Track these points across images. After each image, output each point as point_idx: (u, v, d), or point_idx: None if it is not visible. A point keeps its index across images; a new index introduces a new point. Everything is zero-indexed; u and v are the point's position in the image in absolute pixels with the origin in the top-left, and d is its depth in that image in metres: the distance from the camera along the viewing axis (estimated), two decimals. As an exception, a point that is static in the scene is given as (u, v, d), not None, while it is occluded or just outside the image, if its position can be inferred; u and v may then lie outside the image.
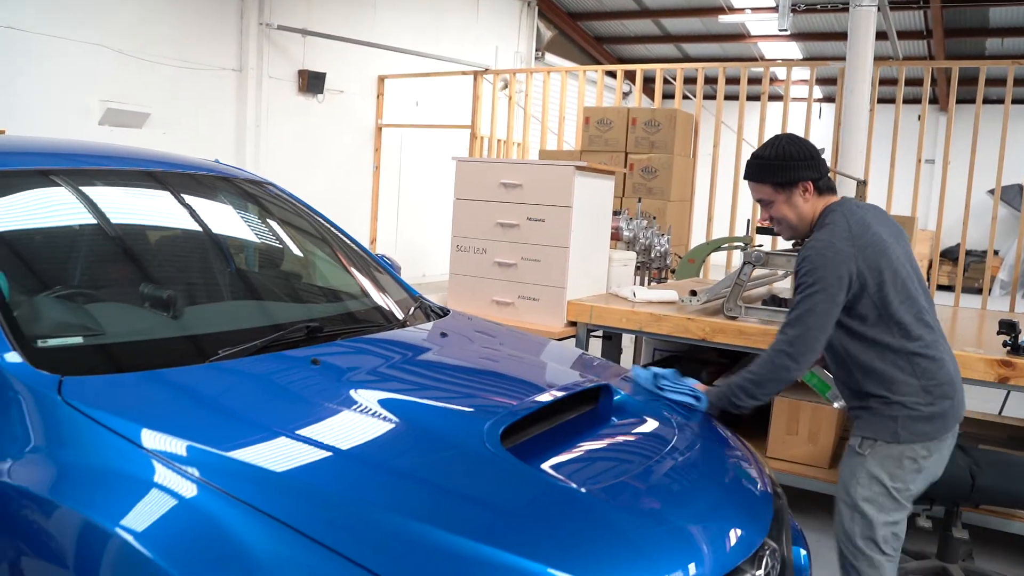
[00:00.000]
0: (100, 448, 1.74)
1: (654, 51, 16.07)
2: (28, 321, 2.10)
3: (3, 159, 2.60)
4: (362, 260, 3.19)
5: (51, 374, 1.90)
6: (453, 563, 1.52)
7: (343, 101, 10.32)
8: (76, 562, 1.62)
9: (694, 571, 1.69)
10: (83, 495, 1.66)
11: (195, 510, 1.59)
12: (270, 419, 1.89)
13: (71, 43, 7.50)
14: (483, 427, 1.92)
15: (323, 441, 1.81)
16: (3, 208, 2.44)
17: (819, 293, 2.47)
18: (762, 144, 2.70)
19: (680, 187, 8.46)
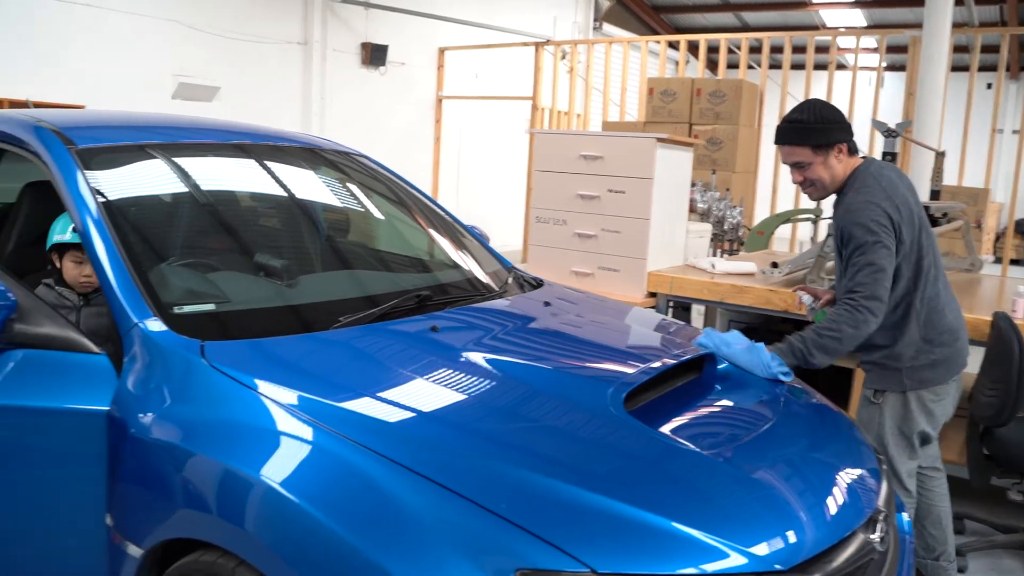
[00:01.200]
0: (243, 405, 1.84)
1: (712, 20, 15.87)
2: (163, 290, 2.20)
3: (113, 134, 2.72)
4: (455, 230, 3.26)
5: (192, 339, 2.01)
6: (586, 515, 1.60)
7: (404, 73, 10.39)
8: (220, 507, 1.73)
9: (811, 534, 1.74)
10: (228, 447, 1.77)
11: (338, 462, 1.68)
12: (401, 381, 1.98)
13: (146, 19, 7.66)
14: (607, 392, 1.99)
15: (457, 403, 1.90)
16: (121, 181, 2.55)
17: (879, 247, 2.62)
18: (794, 108, 2.80)
19: (745, 158, 8.39)
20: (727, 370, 2.44)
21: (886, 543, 1.95)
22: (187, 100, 8.01)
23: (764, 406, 2.30)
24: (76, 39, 7.18)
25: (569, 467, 1.73)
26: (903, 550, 2.21)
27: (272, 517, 1.66)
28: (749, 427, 2.15)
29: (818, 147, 2.72)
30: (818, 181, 2.79)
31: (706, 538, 1.61)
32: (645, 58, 9.61)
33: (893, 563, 2.05)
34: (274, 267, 2.59)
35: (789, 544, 1.68)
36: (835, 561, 1.75)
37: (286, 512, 1.63)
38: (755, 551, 1.62)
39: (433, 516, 1.57)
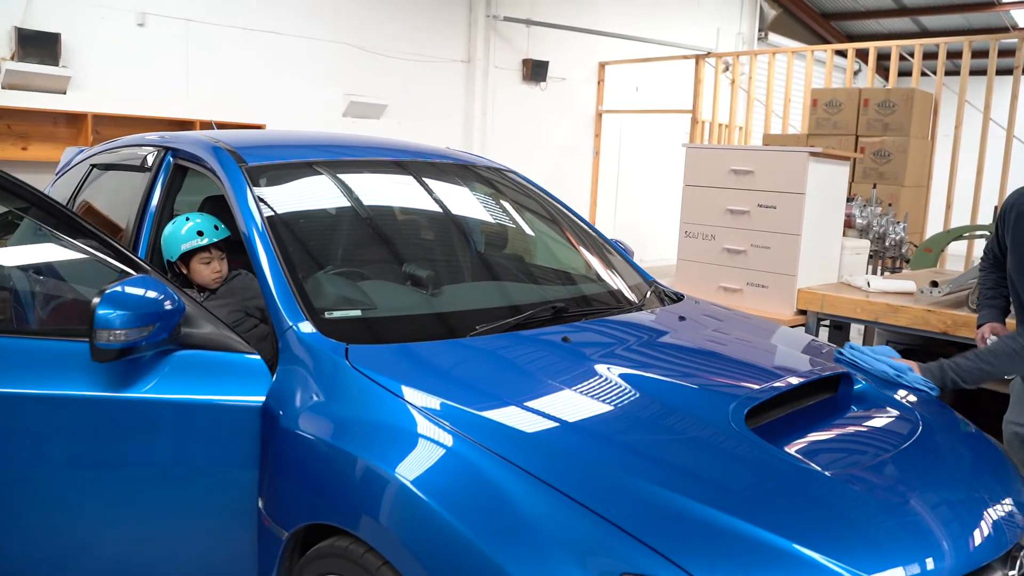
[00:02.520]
0: (380, 405, 1.99)
1: (887, 26, 15.16)
2: (316, 296, 2.40)
3: (280, 152, 2.97)
4: (598, 244, 3.33)
5: (339, 342, 2.18)
6: (694, 527, 1.64)
7: (565, 88, 10.54)
8: (354, 498, 1.87)
9: (933, 564, 1.69)
10: (366, 444, 1.91)
11: (464, 463, 1.79)
12: (529, 389, 2.07)
13: (320, 43, 8.17)
14: (728, 407, 2.00)
15: (579, 411, 1.97)
16: (284, 195, 2.78)
17: None
18: None
19: (916, 172, 8.00)
20: (864, 390, 2.38)
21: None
22: (357, 118, 8.47)
23: (899, 427, 2.23)
24: (258, 64, 7.75)
25: (682, 479, 1.77)
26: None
27: (400, 511, 1.78)
28: (879, 449, 2.10)
29: None
30: None
31: (822, 560, 1.60)
32: (810, 68, 9.32)
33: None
34: (420, 277, 2.74)
35: (913, 573, 1.64)
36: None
37: (413, 506, 1.75)
38: (856, 571, 1.60)
39: (548, 518, 1.65)
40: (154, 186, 3.03)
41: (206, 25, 7.39)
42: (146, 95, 7.08)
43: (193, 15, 7.29)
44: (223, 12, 7.48)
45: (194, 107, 7.31)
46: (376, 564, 1.81)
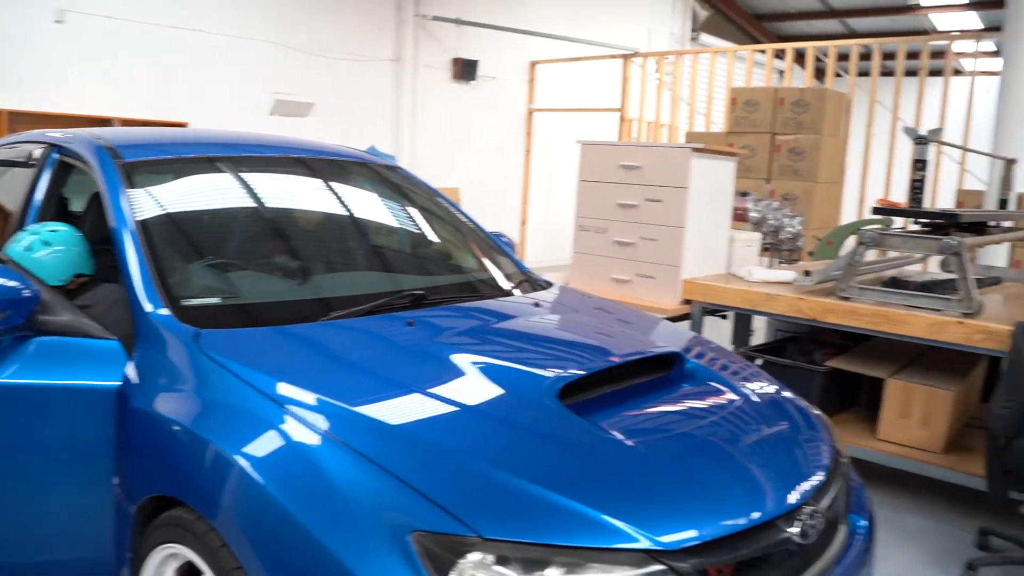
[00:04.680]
0: (222, 386, 2.11)
1: (817, 27, 15.55)
2: (179, 285, 2.51)
3: (160, 149, 3.07)
4: (474, 236, 3.48)
5: (190, 326, 2.30)
6: (488, 489, 1.79)
7: (495, 87, 10.69)
8: (194, 473, 2.00)
9: (719, 524, 1.86)
10: (205, 422, 2.04)
11: (289, 440, 1.91)
12: (361, 368, 2.22)
13: (247, 41, 8.21)
14: (545, 385, 2.15)
15: (407, 389, 2.11)
16: (157, 190, 2.88)
17: None
18: None
19: (829, 168, 8.27)
20: (695, 368, 2.55)
21: (808, 537, 2.03)
22: (284, 116, 8.53)
23: (719, 401, 2.40)
24: (182, 62, 7.78)
25: (485, 448, 1.91)
26: (851, 550, 2.27)
27: (223, 480, 1.90)
28: (690, 421, 2.26)
29: None
30: None
31: (598, 516, 1.76)
32: (731, 68, 9.57)
33: (830, 561, 2.14)
34: (290, 267, 2.86)
35: (684, 527, 1.81)
36: (736, 548, 1.86)
37: (236, 477, 1.88)
38: (645, 531, 1.76)
39: (356, 484, 1.79)
40: (37, 182, 3.11)
41: (129, 23, 7.39)
42: (66, 92, 7.08)
43: (115, 12, 7.30)
44: (147, 10, 7.49)
45: (116, 105, 7.32)
46: (204, 529, 1.94)
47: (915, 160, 3.93)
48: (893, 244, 3.97)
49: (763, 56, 10.00)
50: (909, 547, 3.76)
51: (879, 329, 3.90)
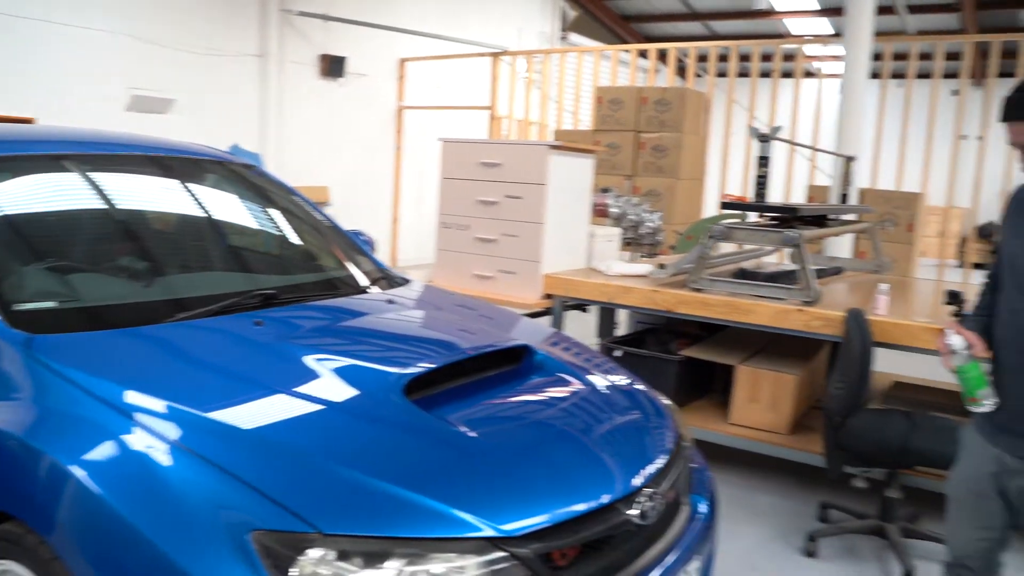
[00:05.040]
0: (57, 394, 2.03)
1: (681, 29, 16.08)
2: (12, 289, 2.39)
3: (6, 146, 2.92)
4: (333, 235, 3.45)
5: (23, 332, 2.20)
6: (329, 485, 1.80)
7: (365, 84, 10.59)
8: (37, 491, 1.90)
9: (558, 509, 1.92)
10: (37, 431, 1.95)
11: (128, 448, 1.86)
12: (204, 369, 2.18)
13: (100, 33, 7.86)
14: (391, 380, 2.17)
15: (251, 388, 2.08)
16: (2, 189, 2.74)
17: None
18: None
19: (691, 165, 8.57)
20: (543, 360, 2.62)
21: (648, 518, 2.11)
22: (142, 112, 8.21)
23: (564, 391, 2.47)
24: (30, 53, 7.39)
25: (328, 445, 1.91)
26: (693, 530, 2.37)
27: (59, 490, 1.84)
28: (534, 411, 2.33)
29: None
30: None
31: (439, 507, 1.79)
32: (597, 67, 9.79)
33: (672, 540, 2.23)
34: (135, 269, 2.77)
35: (525, 514, 1.86)
36: (577, 531, 1.93)
37: (73, 488, 1.81)
38: (487, 520, 1.80)
39: (194, 487, 1.76)
40: None
41: (-34, 12, 6.98)
42: None
43: (-50, 1, 6.88)
44: (-14, -1, 7.09)
45: (-48, 99, 6.90)
46: (34, 542, 1.87)
47: (759, 157, 4.13)
48: (739, 237, 4.17)
49: (628, 56, 10.27)
50: (758, 523, 3.95)
51: (729, 318, 4.08)
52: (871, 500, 3.91)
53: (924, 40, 8.65)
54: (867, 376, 3.50)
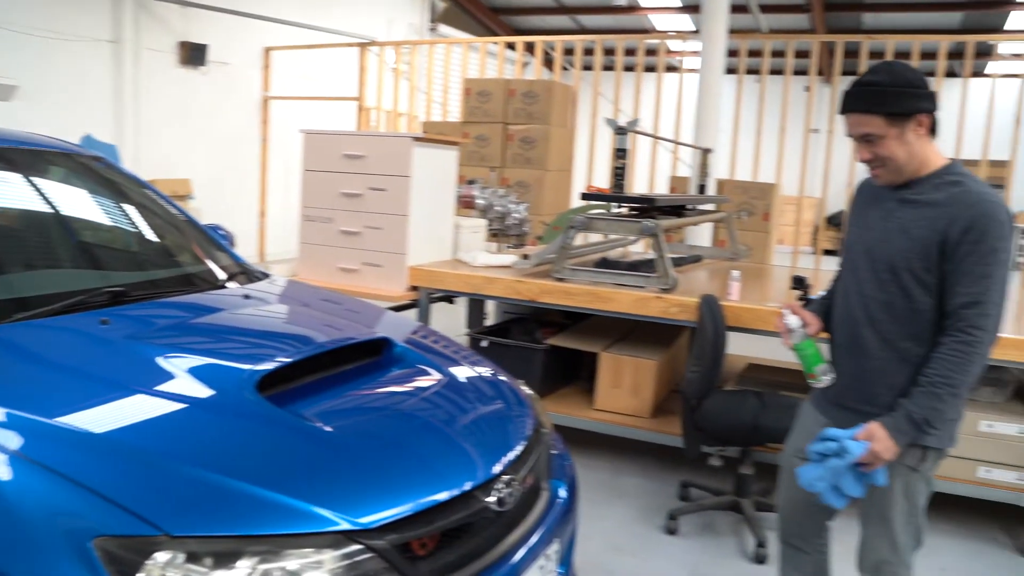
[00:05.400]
0: None
1: (549, 22, 16.28)
2: None
3: None
4: (187, 230, 3.34)
5: None
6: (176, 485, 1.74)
7: (228, 73, 10.27)
8: None
9: (416, 499, 1.92)
10: None
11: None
12: (43, 370, 2.08)
13: (-69, 14, 7.35)
14: (244, 377, 2.12)
15: (90, 389, 2.00)
16: None
17: (1008, 262, 2.18)
18: (870, 69, 2.26)
19: (558, 157, 8.71)
20: (403, 352, 2.62)
21: (506, 504, 2.15)
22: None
23: (425, 383, 2.48)
24: None
25: (178, 445, 1.86)
26: (552, 514, 2.43)
27: None
28: (395, 402, 2.33)
29: (894, 116, 2.20)
30: (890, 160, 2.24)
31: (293, 502, 1.77)
32: (466, 59, 9.82)
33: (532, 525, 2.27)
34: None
35: (381, 506, 1.86)
36: (434, 520, 1.94)
37: None
38: (342, 513, 1.79)
39: (30, 496, 1.68)
40: None
41: None
42: None
43: None
44: None
45: None
46: None
47: (616, 149, 4.24)
48: (600, 228, 4.28)
49: (497, 48, 10.33)
50: (622, 504, 4.08)
51: (591, 307, 4.18)
52: (727, 477, 4.10)
53: (776, 38, 9.05)
54: (720, 359, 3.66)
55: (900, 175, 2.28)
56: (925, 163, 2.26)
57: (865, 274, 2.35)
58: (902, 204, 2.29)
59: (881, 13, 13.74)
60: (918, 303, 2.25)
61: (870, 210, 2.40)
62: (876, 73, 2.22)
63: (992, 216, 2.15)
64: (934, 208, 2.21)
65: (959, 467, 3.84)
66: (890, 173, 2.28)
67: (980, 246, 2.14)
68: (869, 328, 2.33)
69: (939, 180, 2.25)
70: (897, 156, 2.23)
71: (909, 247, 2.24)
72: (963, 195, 2.19)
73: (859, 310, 2.36)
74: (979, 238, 2.14)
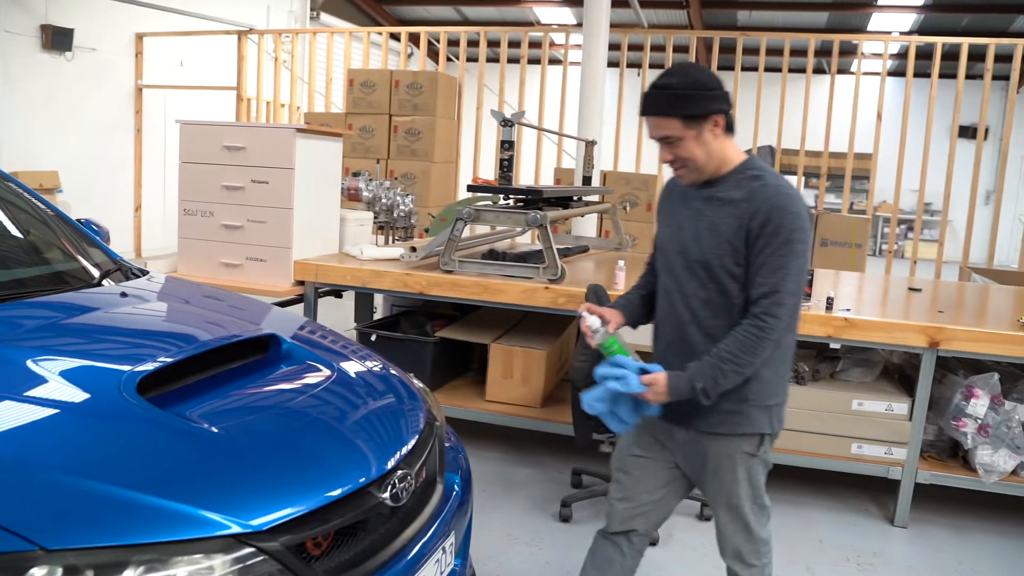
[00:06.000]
0: None
1: (434, 13, 16.19)
2: None
3: None
4: (56, 225, 3.17)
5: None
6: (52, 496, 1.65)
7: (97, 60, 9.80)
8: None
9: (310, 498, 1.88)
10: None
11: None
12: None
13: None
14: (123, 378, 2.03)
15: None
16: None
17: (806, 252, 2.26)
18: (663, 72, 2.32)
19: (444, 149, 8.69)
20: (291, 349, 2.56)
21: (401, 499, 2.13)
22: None
23: (313, 379, 2.43)
24: None
25: (53, 454, 1.76)
26: (447, 507, 2.42)
27: None
28: (284, 400, 2.28)
29: (689, 118, 2.25)
30: (691, 160, 2.30)
31: (180, 508, 1.71)
32: (349, 49, 9.65)
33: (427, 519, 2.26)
34: None
35: (272, 507, 1.81)
36: (328, 519, 1.90)
37: None
38: (231, 516, 1.73)
39: None
40: None
41: None
42: None
43: None
44: None
45: None
46: None
47: (502, 141, 4.25)
48: (488, 219, 4.29)
49: (380, 38, 10.21)
50: (516, 495, 4.11)
51: (480, 298, 4.19)
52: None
53: (656, 33, 9.28)
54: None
55: (702, 174, 2.34)
56: (725, 161, 2.33)
57: (682, 273, 2.41)
58: (708, 202, 2.35)
59: (755, 11, 14.24)
60: (734, 297, 2.33)
61: (680, 209, 2.46)
62: (670, 76, 2.28)
63: (786, 208, 2.23)
64: (736, 205, 2.29)
65: (834, 444, 4.04)
66: (692, 172, 2.35)
67: (776, 238, 2.22)
68: (694, 326, 2.40)
69: (740, 176, 2.32)
70: (696, 156, 2.30)
71: (718, 244, 2.31)
72: (761, 189, 2.27)
73: (683, 309, 2.42)
74: (775, 231, 2.22)
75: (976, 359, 3.99)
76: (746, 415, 2.40)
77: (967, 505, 4.22)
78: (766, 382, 2.39)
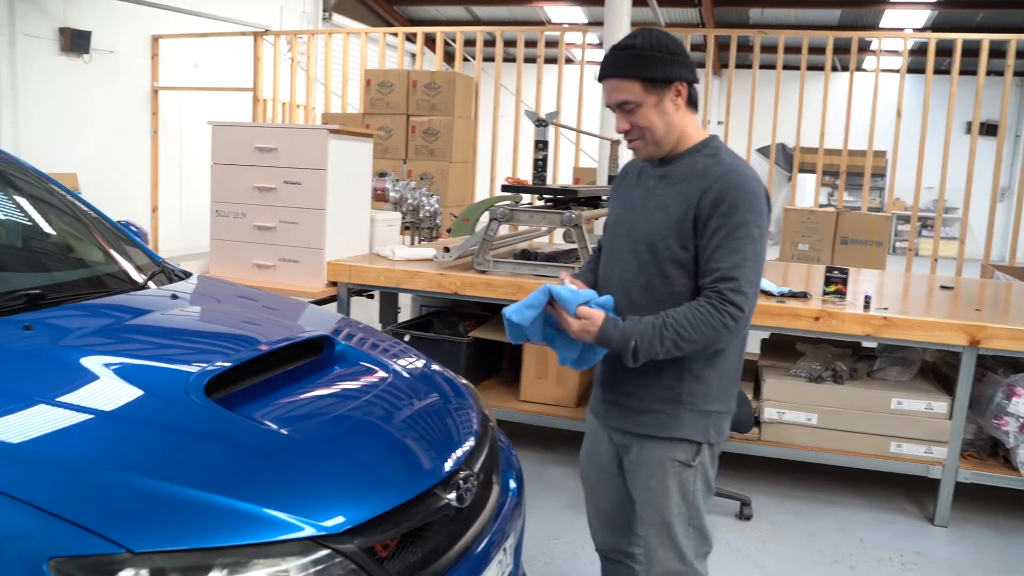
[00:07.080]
0: None
1: (444, 13, 16.18)
2: None
3: None
4: (99, 227, 3.17)
5: None
6: (135, 500, 1.64)
7: (113, 62, 9.81)
8: None
9: (379, 500, 1.88)
10: None
11: None
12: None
13: None
14: (190, 381, 2.03)
15: (24, 402, 1.86)
16: None
17: (763, 231, 2.11)
18: (628, 35, 2.17)
19: (462, 149, 8.69)
20: (345, 350, 2.55)
21: (465, 500, 2.12)
22: None
23: (370, 380, 2.43)
24: None
25: (128, 456, 1.76)
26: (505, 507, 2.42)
27: None
28: (344, 403, 2.27)
29: (651, 82, 2.10)
30: (648, 130, 2.15)
31: (258, 510, 1.70)
32: (365, 49, 9.65)
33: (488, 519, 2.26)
34: None
35: (346, 509, 1.81)
36: (399, 521, 1.90)
37: None
38: (307, 519, 1.73)
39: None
40: None
41: None
42: None
43: None
44: None
45: None
46: None
47: (536, 141, 4.24)
48: (521, 219, 4.27)
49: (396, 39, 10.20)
50: (553, 495, 4.10)
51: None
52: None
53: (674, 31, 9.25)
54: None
55: (659, 148, 2.18)
56: (684, 137, 2.18)
57: (626, 256, 2.25)
58: (661, 181, 2.20)
59: (767, 8, 14.21)
60: (676, 285, 2.17)
61: (634, 189, 2.30)
62: (634, 38, 2.13)
63: (742, 187, 2.08)
64: (688, 183, 2.14)
65: (873, 443, 4.03)
66: (648, 145, 2.18)
67: (730, 219, 2.07)
68: (631, 315, 2.19)
69: (696, 154, 2.18)
70: (655, 126, 2.14)
71: (665, 224, 2.15)
72: (715, 167, 2.13)
73: (620, 296, 2.26)
74: (729, 211, 2.07)
75: (1015, 357, 3.97)
76: (677, 418, 2.22)
77: (1008, 504, 4.20)
78: (706, 384, 2.21)
